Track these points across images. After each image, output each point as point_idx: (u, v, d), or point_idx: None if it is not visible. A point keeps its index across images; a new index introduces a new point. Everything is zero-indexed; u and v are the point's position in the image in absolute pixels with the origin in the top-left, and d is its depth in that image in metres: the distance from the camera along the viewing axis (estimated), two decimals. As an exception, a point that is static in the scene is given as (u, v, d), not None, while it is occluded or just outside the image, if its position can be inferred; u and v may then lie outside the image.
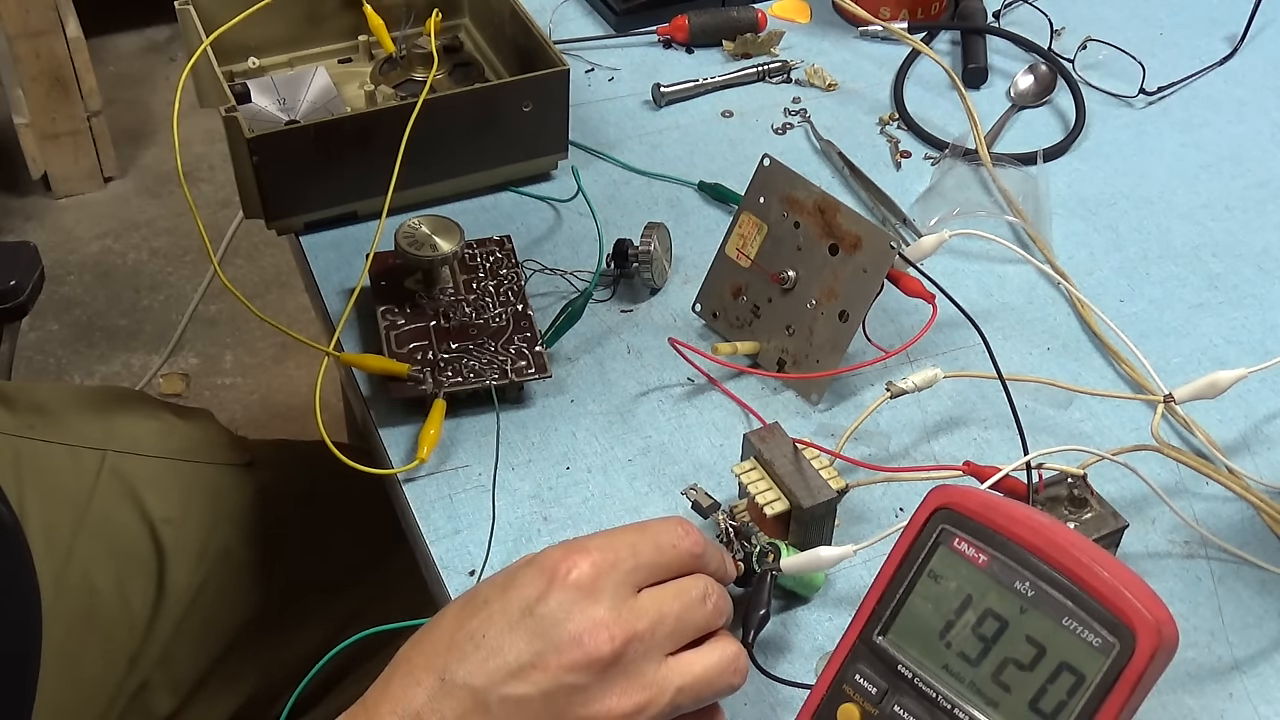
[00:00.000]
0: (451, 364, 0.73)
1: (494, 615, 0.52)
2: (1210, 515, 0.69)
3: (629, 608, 0.52)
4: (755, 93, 0.99)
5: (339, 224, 0.85)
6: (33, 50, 1.96)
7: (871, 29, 1.04)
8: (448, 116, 0.82)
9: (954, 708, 0.50)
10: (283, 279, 1.98)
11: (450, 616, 0.53)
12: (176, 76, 2.13)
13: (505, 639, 0.51)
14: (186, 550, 0.85)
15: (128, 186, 2.18)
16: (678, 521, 0.55)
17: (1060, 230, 0.87)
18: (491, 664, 0.51)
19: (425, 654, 0.52)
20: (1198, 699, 0.61)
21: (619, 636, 0.51)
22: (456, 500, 0.69)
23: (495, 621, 0.52)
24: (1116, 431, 0.74)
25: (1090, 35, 1.02)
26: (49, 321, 1.94)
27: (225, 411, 1.82)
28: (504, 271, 0.79)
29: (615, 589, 0.52)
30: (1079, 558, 0.48)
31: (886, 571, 0.52)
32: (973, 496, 0.51)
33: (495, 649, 0.51)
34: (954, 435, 0.74)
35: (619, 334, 0.79)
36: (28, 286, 0.97)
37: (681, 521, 0.55)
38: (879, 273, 0.71)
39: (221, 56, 0.85)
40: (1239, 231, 0.88)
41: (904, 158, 0.93)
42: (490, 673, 0.51)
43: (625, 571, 0.53)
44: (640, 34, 1.04)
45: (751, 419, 0.74)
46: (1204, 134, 0.96)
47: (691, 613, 0.54)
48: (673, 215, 0.87)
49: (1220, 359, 0.79)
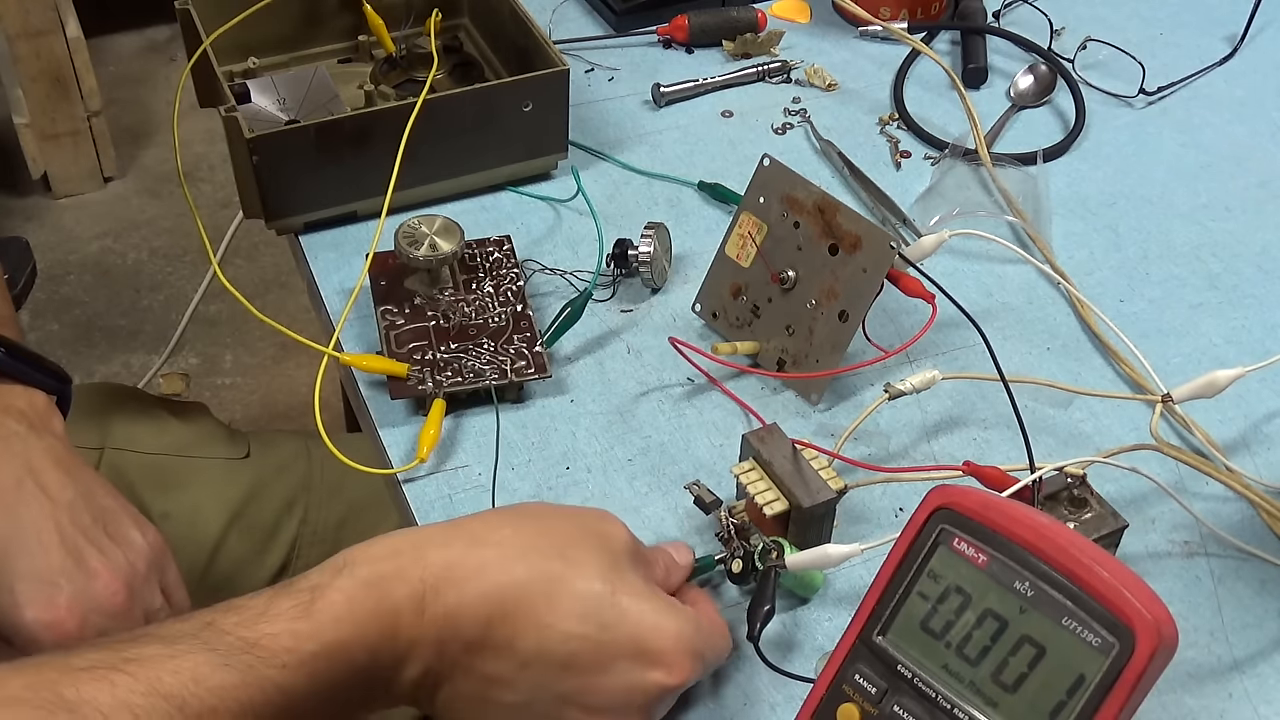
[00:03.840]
0: (451, 364, 0.73)
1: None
2: (1210, 515, 0.69)
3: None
4: (755, 93, 0.99)
5: (339, 224, 0.85)
6: (33, 50, 1.96)
7: (871, 29, 1.04)
8: (448, 116, 0.82)
9: (953, 708, 0.50)
10: (283, 279, 1.98)
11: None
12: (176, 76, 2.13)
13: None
14: (184, 545, 0.85)
15: (128, 186, 2.18)
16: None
17: (1060, 230, 0.87)
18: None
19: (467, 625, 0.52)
20: (1198, 699, 0.61)
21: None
22: (456, 500, 0.69)
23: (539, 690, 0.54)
24: (1116, 431, 0.74)
25: (1090, 35, 1.02)
26: (49, 321, 1.94)
27: (225, 411, 1.82)
28: (504, 271, 0.79)
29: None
30: (1079, 558, 0.48)
31: (886, 571, 0.52)
32: (972, 496, 0.51)
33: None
34: (954, 435, 0.74)
35: (619, 334, 0.79)
36: (20, 281, 0.97)
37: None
38: (879, 273, 0.71)
39: (221, 56, 0.85)
40: (1239, 231, 0.88)
41: (904, 158, 0.93)
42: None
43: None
44: (640, 34, 1.04)
45: (751, 419, 0.74)
46: (1204, 134, 0.96)
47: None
48: (673, 215, 0.87)
49: (1220, 359, 0.79)
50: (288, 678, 0.48)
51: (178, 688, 0.46)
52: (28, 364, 0.72)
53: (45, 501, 0.66)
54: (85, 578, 0.65)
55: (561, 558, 0.54)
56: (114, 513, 0.69)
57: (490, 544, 0.54)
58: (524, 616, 0.52)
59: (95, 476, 0.70)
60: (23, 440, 0.68)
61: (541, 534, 0.55)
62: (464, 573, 0.52)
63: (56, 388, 0.73)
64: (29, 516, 0.66)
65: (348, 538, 0.92)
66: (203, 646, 0.47)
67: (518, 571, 0.53)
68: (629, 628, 0.53)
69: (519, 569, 0.53)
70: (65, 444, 0.70)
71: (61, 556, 0.65)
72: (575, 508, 0.59)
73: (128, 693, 0.45)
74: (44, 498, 0.66)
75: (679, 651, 0.54)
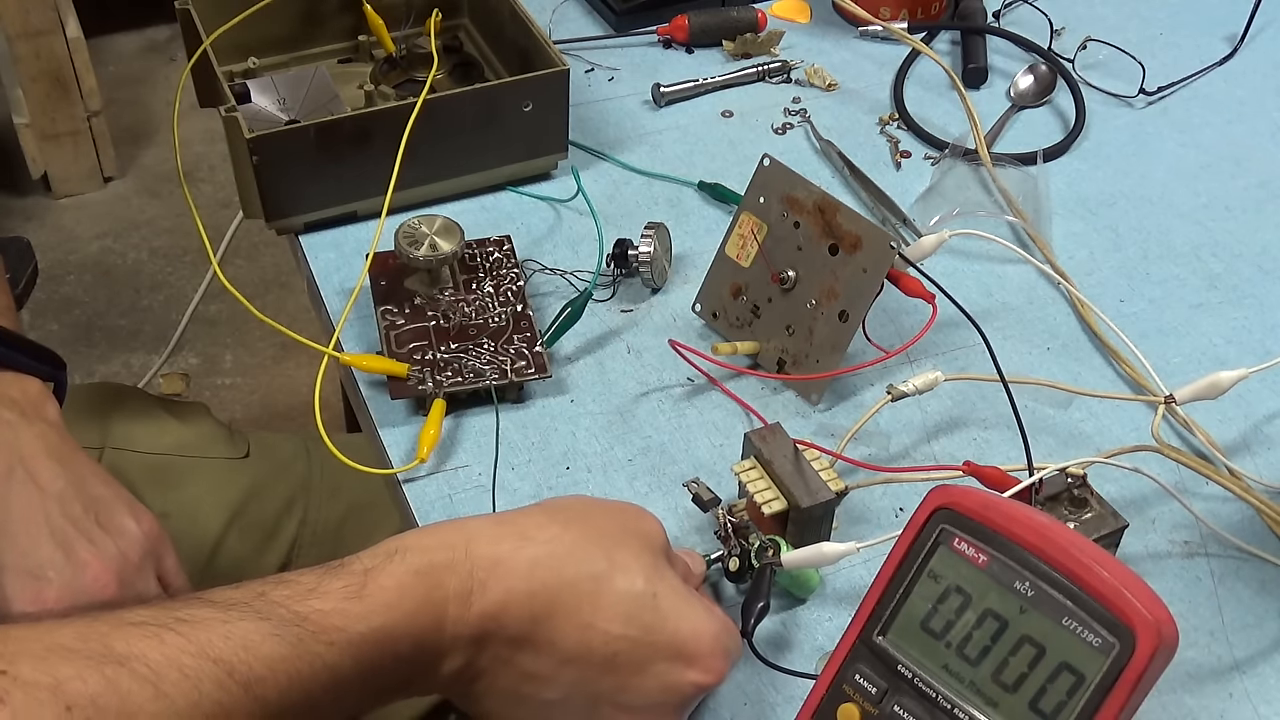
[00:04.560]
0: (451, 364, 0.73)
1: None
2: (1210, 515, 0.69)
3: None
4: (755, 93, 0.99)
5: (339, 224, 0.85)
6: (33, 50, 1.96)
7: (871, 29, 1.04)
8: (448, 116, 0.82)
9: (954, 708, 0.50)
10: (283, 279, 1.98)
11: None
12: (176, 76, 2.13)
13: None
14: (183, 544, 0.85)
15: (128, 186, 2.18)
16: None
17: (1060, 230, 0.87)
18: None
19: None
20: (1198, 699, 0.61)
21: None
22: (456, 500, 0.69)
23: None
24: (1116, 431, 0.74)
25: (1090, 35, 1.02)
26: (49, 321, 1.94)
27: (225, 411, 1.82)
28: (504, 271, 0.79)
29: None
30: (1079, 558, 0.48)
31: (886, 571, 0.52)
32: (973, 496, 0.51)
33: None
34: (954, 435, 0.74)
35: (619, 334, 0.79)
36: (21, 280, 0.97)
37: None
38: (879, 273, 0.71)
39: (221, 56, 0.85)
40: (1239, 231, 0.88)
41: (904, 158, 0.93)
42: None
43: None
44: (640, 34, 1.04)
45: (752, 419, 0.74)
46: (1204, 134, 0.96)
47: None
48: (673, 215, 0.87)
49: (1220, 359, 0.79)
50: (335, 656, 0.48)
51: (228, 653, 0.45)
52: (20, 350, 0.71)
53: (35, 492, 0.66)
54: (74, 569, 0.65)
55: (607, 557, 0.54)
56: (107, 501, 0.69)
57: (539, 541, 0.54)
58: (569, 616, 0.53)
59: (90, 464, 0.70)
60: (14, 429, 0.67)
61: (588, 533, 0.55)
62: (512, 569, 0.52)
63: (51, 374, 0.72)
64: (18, 507, 0.65)
65: (347, 537, 0.92)
66: (255, 615, 0.47)
67: (566, 571, 0.53)
68: (670, 629, 0.54)
69: (567, 568, 0.53)
70: (59, 431, 0.70)
71: (50, 548, 0.65)
72: (616, 503, 0.59)
73: (178, 652, 0.45)
74: (34, 488, 0.66)
75: (715, 653, 0.55)
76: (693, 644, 0.54)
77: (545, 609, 0.52)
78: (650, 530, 0.57)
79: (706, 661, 0.55)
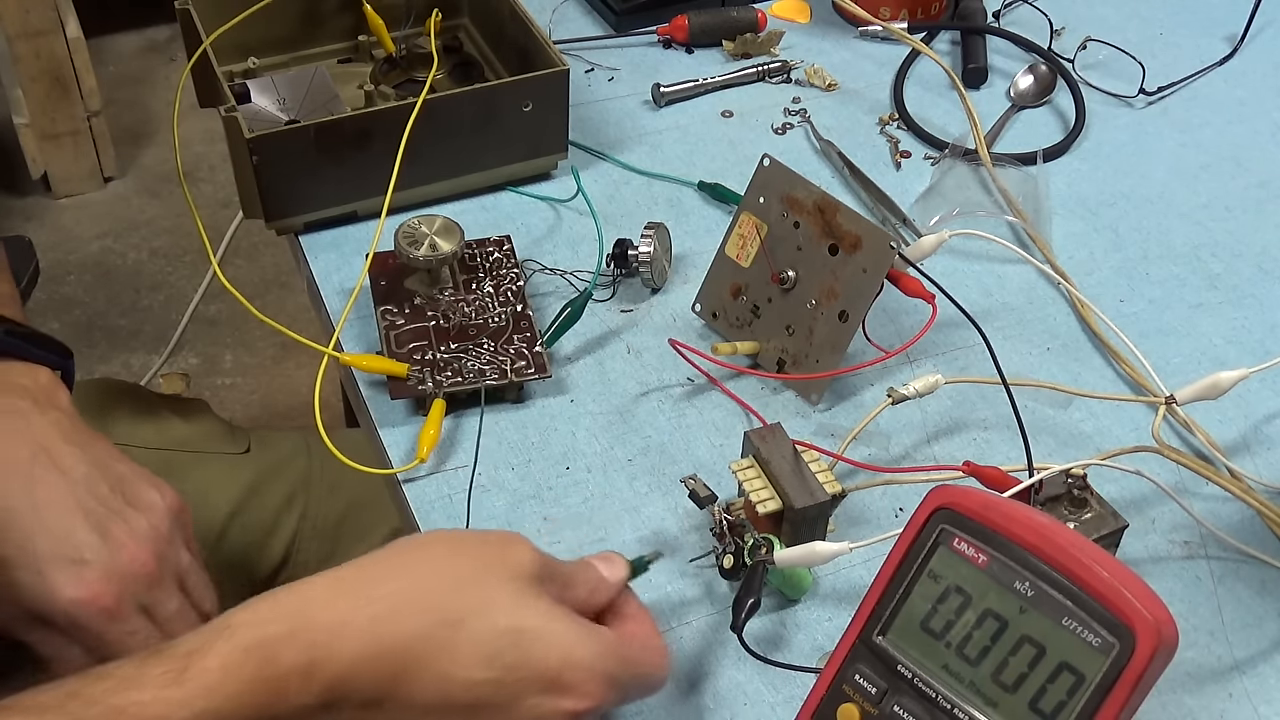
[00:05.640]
0: (451, 364, 0.73)
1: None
2: (1210, 515, 0.69)
3: None
4: (755, 93, 0.99)
5: (339, 224, 0.85)
6: (33, 50, 1.96)
7: (871, 29, 1.04)
8: (448, 116, 0.82)
9: (954, 708, 0.50)
10: (283, 279, 1.98)
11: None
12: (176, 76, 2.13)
13: None
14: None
15: (128, 186, 2.18)
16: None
17: (1060, 230, 0.87)
18: None
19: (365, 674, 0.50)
20: (1198, 699, 0.61)
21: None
22: (456, 500, 0.69)
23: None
24: (1116, 431, 0.74)
25: (1090, 35, 1.02)
26: (49, 321, 1.94)
27: (225, 411, 1.82)
28: (504, 271, 0.79)
29: None
30: (1079, 558, 0.48)
31: (886, 571, 0.52)
32: (972, 497, 0.51)
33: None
34: (954, 436, 0.74)
35: (619, 334, 0.79)
36: (23, 279, 0.97)
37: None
38: (879, 273, 0.71)
39: (221, 56, 0.85)
40: (1239, 231, 0.88)
41: (904, 158, 0.93)
42: None
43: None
44: (640, 34, 1.04)
45: (752, 419, 0.74)
46: (1204, 134, 0.96)
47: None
48: (673, 215, 0.87)
49: (1220, 359, 0.79)
50: None
51: None
52: (29, 341, 0.71)
53: (60, 477, 0.66)
54: (111, 550, 0.64)
55: (460, 600, 0.51)
56: (128, 478, 0.69)
57: (380, 598, 0.51)
58: (424, 669, 0.50)
59: (105, 445, 0.70)
60: (29, 418, 0.67)
61: (435, 575, 0.53)
62: (355, 632, 0.49)
63: (59, 363, 0.72)
64: (46, 496, 0.65)
65: (347, 533, 0.92)
66: (67, 719, 0.45)
67: (413, 624, 0.50)
68: (537, 662, 0.51)
69: (414, 621, 0.50)
70: (72, 417, 0.69)
71: (85, 532, 0.64)
72: (477, 535, 0.57)
73: None
74: (58, 473, 0.66)
75: (591, 679, 0.52)
76: (566, 673, 0.52)
77: (397, 667, 0.50)
78: (516, 559, 0.54)
79: (582, 688, 0.52)
